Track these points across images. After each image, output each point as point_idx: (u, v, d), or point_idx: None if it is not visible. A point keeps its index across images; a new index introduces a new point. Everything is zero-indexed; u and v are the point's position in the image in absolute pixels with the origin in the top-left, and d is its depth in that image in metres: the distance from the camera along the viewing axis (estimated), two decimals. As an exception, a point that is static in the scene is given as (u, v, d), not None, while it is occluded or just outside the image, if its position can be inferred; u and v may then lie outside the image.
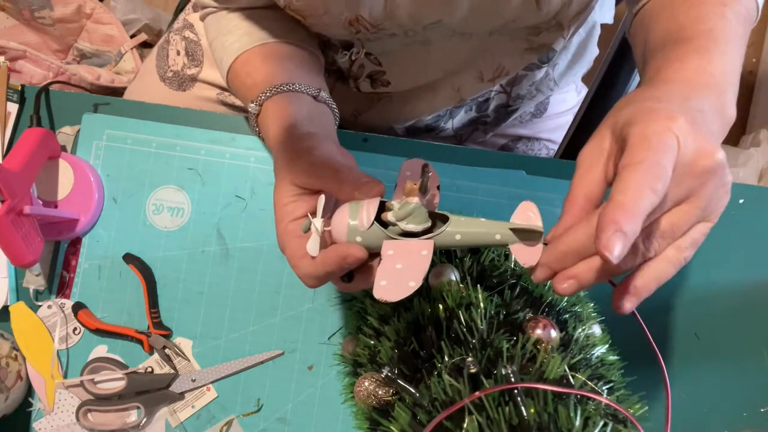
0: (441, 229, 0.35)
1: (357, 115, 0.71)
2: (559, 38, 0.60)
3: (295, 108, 0.45)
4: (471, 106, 0.71)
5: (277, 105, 0.46)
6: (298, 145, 0.41)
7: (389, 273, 0.34)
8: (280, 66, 0.50)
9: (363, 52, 0.58)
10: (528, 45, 0.59)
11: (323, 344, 0.58)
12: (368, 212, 0.36)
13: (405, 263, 0.34)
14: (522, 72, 0.66)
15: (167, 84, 0.73)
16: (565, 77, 0.74)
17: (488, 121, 0.75)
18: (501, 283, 0.44)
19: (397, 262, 0.34)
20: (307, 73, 0.51)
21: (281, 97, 0.47)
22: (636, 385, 0.42)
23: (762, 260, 0.58)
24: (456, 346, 0.38)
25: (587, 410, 0.32)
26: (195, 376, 0.57)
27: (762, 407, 0.57)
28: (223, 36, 0.53)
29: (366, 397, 0.41)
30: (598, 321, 0.47)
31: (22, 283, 0.59)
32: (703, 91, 0.34)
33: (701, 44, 0.38)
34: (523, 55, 0.60)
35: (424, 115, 0.68)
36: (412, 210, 0.35)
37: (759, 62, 1.56)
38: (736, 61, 0.38)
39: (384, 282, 0.34)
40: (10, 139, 0.61)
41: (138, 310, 0.59)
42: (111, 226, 0.60)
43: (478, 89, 0.64)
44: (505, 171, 0.58)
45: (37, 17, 1.14)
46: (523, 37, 0.57)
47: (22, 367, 0.58)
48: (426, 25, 0.52)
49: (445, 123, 0.72)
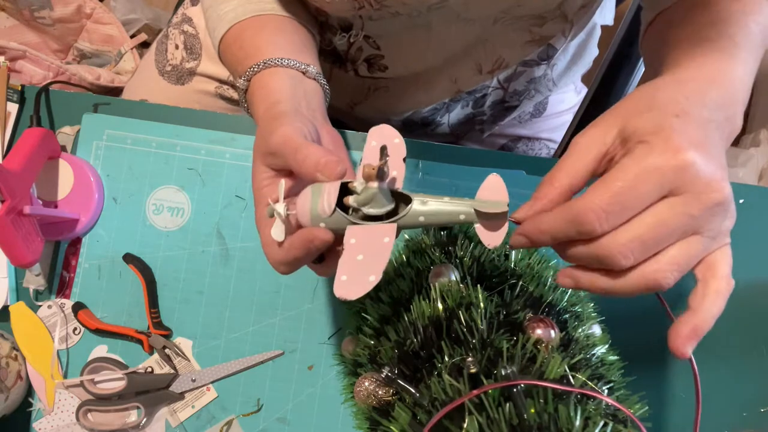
0: (403, 213, 0.34)
1: (353, 106, 0.70)
2: (561, 36, 0.60)
3: (278, 85, 0.44)
4: (468, 102, 0.71)
5: (264, 81, 0.45)
6: (266, 125, 0.40)
7: (350, 266, 0.33)
8: (273, 40, 0.48)
9: (362, 34, 0.56)
10: (530, 37, 0.58)
11: (323, 344, 0.58)
12: (329, 198, 0.34)
13: (366, 253, 0.34)
14: (520, 68, 0.65)
15: (166, 78, 0.73)
16: (564, 78, 0.74)
17: (485, 119, 0.75)
18: (501, 283, 0.44)
19: (359, 252, 0.34)
20: (299, 49, 0.49)
21: (269, 72, 0.45)
22: (636, 385, 0.42)
23: (762, 260, 0.58)
24: (456, 346, 0.38)
25: (587, 410, 0.32)
26: (195, 376, 0.57)
27: (762, 407, 0.57)
28: (219, 5, 0.51)
29: (366, 397, 0.41)
30: (598, 321, 0.47)
31: (22, 283, 0.59)
32: (722, 95, 0.34)
33: (724, 46, 0.37)
34: (524, 47, 0.59)
35: (422, 106, 0.67)
36: (372, 195, 0.34)
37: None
38: (751, 73, 0.38)
39: (344, 277, 0.33)
40: (10, 139, 0.61)
41: (138, 310, 0.59)
42: (111, 226, 0.60)
43: (476, 81, 0.63)
44: (505, 171, 0.58)
45: (37, 17, 1.14)
46: (527, 27, 0.56)
47: (22, 367, 0.58)
48: (431, 5, 0.51)
49: (441, 117, 0.72)
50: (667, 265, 0.30)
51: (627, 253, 0.30)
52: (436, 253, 0.49)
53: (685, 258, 0.30)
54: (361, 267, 0.33)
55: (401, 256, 0.51)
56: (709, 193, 0.29)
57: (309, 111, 0.44)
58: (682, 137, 0.30)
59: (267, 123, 0.40)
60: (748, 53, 0.37)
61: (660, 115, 0.31)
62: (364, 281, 0.32)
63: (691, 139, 0.30)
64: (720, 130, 0.33)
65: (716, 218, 0.30)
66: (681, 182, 0.29)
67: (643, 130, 0.31)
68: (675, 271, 0.30)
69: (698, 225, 0.30)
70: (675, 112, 0.31)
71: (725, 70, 0.35)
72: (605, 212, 0.29)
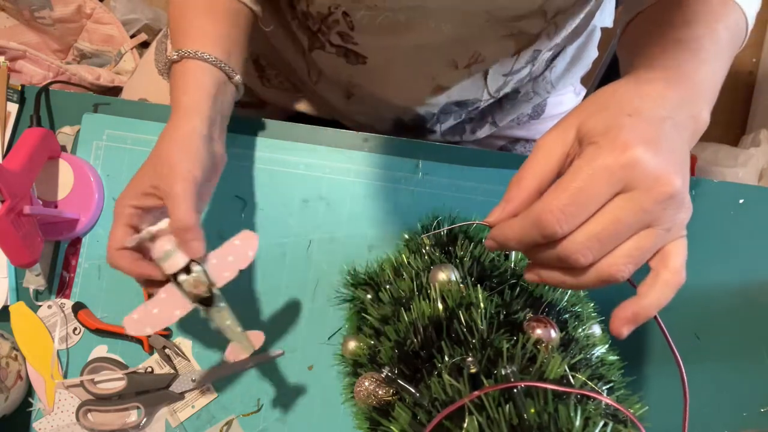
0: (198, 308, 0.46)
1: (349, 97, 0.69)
2: (545, 39, 0.59)
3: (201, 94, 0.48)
4: (461, 114, 0.71)
5: (191, 72, 0.48)
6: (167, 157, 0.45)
7: (145, 311, 0.45)
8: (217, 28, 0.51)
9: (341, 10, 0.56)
10: (506, 31, 0.57)
11: (323, 344, 0.58)
12: (175, 263, 0.44)
13: (161, 311, 0.45)
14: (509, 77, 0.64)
15: (165, 77, 0.73)
16: (563, 80, 0.74)
17: (474, 117, 0.74)
18: (501, 283, 0.44)
19: (158, 306, 0.45)
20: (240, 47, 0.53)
21: (205, 71, 0.49)
22: (636, 385, 0.42)
23: (762, 260, 0.58)
24: (456, 346, 0.38)
25: (587, 410, 0.32)
26: (195, 376, 0.57)
27: (762, 407, 0.57)
28: None
29: (366, 397, 0.41)
30: (598, 321, 0.47)
31: (22, 283, 0.59)
32: (683, 95, 0.35)
33: (690, 47, 0.38)
34: (500, 42, 0.58)
35: (409, 104, 0.66)
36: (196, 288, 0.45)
37: (759, 62, 1.56)
38: (718, 72, 0.38)
39: (136, 316, 0.45)
40: (10, 139, 0.61)
41: (138, 310, 0.59)
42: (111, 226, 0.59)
43: (455, 77, 0.62)
44: (505, 171, 0.58)
45: (37, 17, 1.15)
46: (503, 22, 0.55)
47: (22, 367, 0.58)
48: (408, 6, 0.51)
49: (433, 126, 0.72)
50: (621, 259, 0.31)
51: (586, 252, 0.31)
52: (436, 253, 0.49)
53: (639, 251, 0.31)
54: (150, 318, 0.44)
55: (401, 256, 0.51)
56: (658, 188, 0.30)
57: (219, 129, 0.50)
58: (630, 135, 0.31)
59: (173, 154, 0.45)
60: (715, 54, 0.38)
61: (612, 115, 0.32)
62: (141, 329, 0.44)
63: (640, 137, 0.31)
64: (679, 127, 0.33)
65: (668, 211, 0.31)
66: (630, 179, 0.30)
67: (594, 131, 0.32)
68: (629, 264, 0.32)
69: (651, 219, 0.31)
70: (628, 112, 0.32)
71: (689, 70, 0.36)
72: (564, 213, 0.30)
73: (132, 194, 0.46)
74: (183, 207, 0.44)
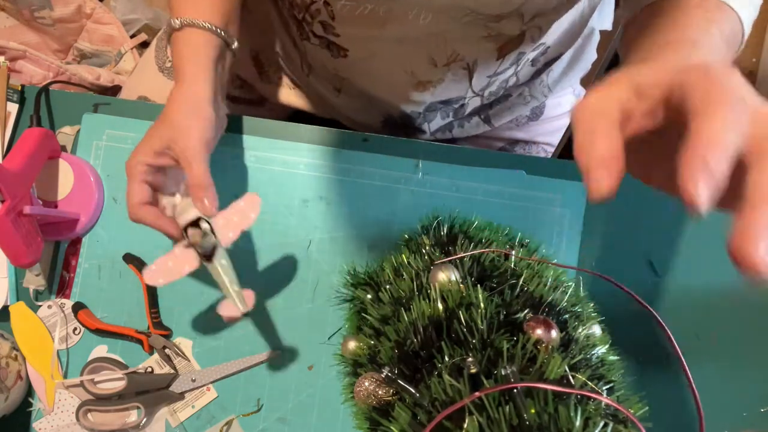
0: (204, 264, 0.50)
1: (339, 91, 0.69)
2: (530, 41, 0.59)
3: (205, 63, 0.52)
4: (447, 112, 0.70)
5: (200, 49, 0.52)
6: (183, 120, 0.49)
7: (161, 263, 0.49)
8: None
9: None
10: (486, 32, 0.56)
11: (323, 344, 0.58)
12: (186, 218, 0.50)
13: (174, 264, 0.49)
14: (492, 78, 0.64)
15: (166, 74, 0.73)
16: (561, 83, 0.74)
17: (462, 118, 0.74)
18: (501, 283, 0.44)
19: (173, 260, 0.49)
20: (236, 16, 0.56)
21: (207, 39, 0.52)
22: (636, 385, 0.42)
23: (762, 260, 0.58)
24: (456, 346, 0.38)
25: (588, 410, 0.32)
26: (195, 376, 0.57)
27: (762, 407, 0.57)
28: None
29: (366, 397, 0.41)
30: (598, 321, 0.46)
31: (22, 283, 0.59)
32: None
33: (683, 47, 0.38)
34: (479, 43, 0.58)
35: (394, 99, 0.66)
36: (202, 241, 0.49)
37: (759, 62, 1.56)
38: None
39: (154, 267, 0.49)
40: (10, 139, 0.61)
41: (138, 310, 0.59)
42: (111, 226, 0.60)
43: (434, 74, 0.62)
44: (505, 171, 0.58)
45: (37, 17, 1.14)
46: (482, 23, 0.55)
47: (22, 367, 0.58)
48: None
49: (421, 125, 0.72)
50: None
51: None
52: (436, 253, 0.49)
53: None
54: (165, 270, 0.49)
55: (401, 256, 0.51)
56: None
57: (221, 92, 0.54)
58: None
59: (184, 117, 0.49)
60: (706, 56, 0.38)
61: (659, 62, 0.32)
62: (156, 279, 0.49)
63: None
64: None
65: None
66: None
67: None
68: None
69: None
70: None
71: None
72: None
73: (145, 153, 0.49)
74: (200, 166, 0.48)
